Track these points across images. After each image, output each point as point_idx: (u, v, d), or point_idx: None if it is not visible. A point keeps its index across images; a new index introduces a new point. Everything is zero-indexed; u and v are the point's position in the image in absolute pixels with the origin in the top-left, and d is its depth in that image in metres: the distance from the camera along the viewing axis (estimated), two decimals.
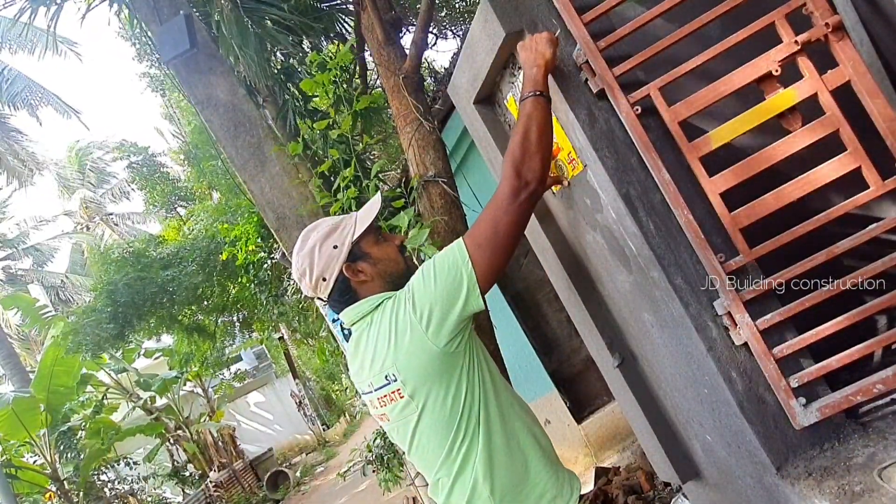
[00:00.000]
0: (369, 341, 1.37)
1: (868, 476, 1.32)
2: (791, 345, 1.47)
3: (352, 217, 1.43)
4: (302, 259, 1.40)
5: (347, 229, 1.40)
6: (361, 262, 1.39)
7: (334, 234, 1.39)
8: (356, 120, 4.91)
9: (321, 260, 1.38)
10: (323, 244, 1.38)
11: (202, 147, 10.16)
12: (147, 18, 3.69)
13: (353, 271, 1.39)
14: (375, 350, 1.35)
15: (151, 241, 10.01)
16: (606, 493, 3.80)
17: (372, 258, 1.40)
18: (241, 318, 10.41)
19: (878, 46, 1.44)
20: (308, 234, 1.43)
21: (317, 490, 12.10)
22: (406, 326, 1.28)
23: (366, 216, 1.42)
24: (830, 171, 1.42)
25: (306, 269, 1.40)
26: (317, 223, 1.45)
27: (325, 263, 1.38)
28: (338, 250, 1.37)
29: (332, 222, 1.42)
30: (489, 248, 1.27)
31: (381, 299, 1.38)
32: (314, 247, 1.38)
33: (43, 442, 10.22)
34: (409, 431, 1.38)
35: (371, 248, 1.41)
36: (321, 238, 1.39)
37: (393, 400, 1.35)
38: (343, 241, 1.38)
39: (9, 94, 12.89)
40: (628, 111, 1.52)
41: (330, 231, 1.39)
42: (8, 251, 18.55)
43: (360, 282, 1.40)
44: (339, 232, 1.39)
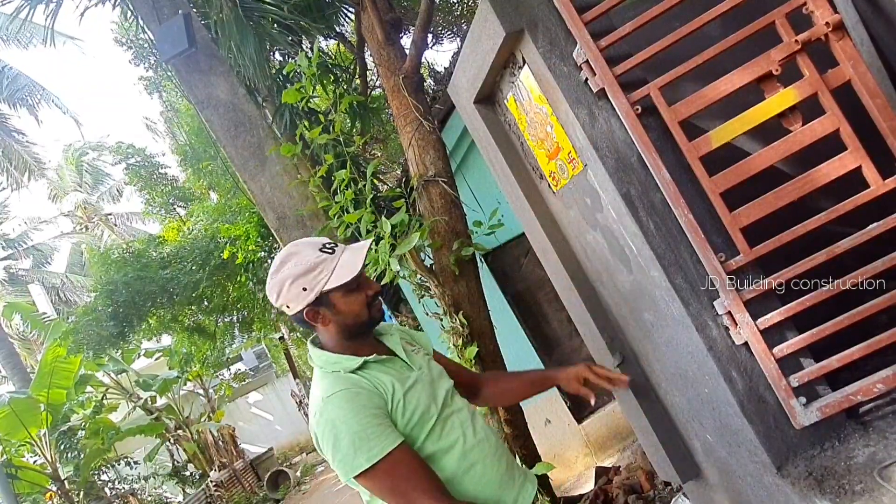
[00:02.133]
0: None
1: (868, 476, 1.32)
2: (791, 344, 1.47)
3: (333, 261, 1.42)
4: (272, 283, 1.44)
5: (322, 276, 1.40)
6: (325, 308, 1.43)
7: (308, 275, 1.40)
8: (354, 120, 4.92)
9: (288, 294, 1.41)
10: (294, 282, 1.40)
11: (201, 147, 10.16)
12: (147, 18, 3.70)
13: (313, 315, 1.44)
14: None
15: (151, 242, 10.01)
16: (607, 493, 3.80)
17: (336, 309, 1.44)
18: (240, 318, 10.42)
19: (879, 46, 1.45)
20: (286, 259, 1.43)
21: (317, 489, 12.11)
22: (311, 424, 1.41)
23: (345, 272, 1.41)
24: (830, 171, 1.42)
25: (274, 293, 1.44)
26: (298, 250, 1.44)
27: (291, 298, 1.42)
28: (306, 293, 1.40)
29: (311, 261, 1.41)
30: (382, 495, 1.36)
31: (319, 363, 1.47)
32: (285, 280, 1.41)
33: (43, 442, 10.22)
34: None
35: (338, 299, 1.43)
36: (294, 276, 1.40)
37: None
38: (313, 288, 1.40)
39: (9, 93, 12.88)
40: (628, 111, 1.52)
41: (305, 271, 1.40)
42: (9, 251, 18.55)
43: (321, 324, 1.46)
44: (313, 275, 1.40)
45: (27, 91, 13.34)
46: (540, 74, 1.67)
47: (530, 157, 1.96)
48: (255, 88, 4.53)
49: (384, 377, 1.43)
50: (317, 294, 1.40)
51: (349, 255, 1.44)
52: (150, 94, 10.92)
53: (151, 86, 10.66)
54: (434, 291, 2.97)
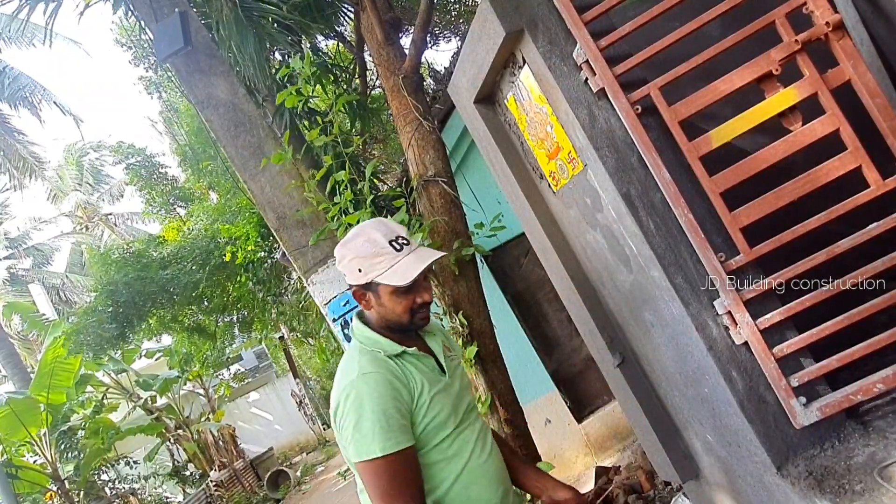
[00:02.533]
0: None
1: (868, 476, 1.32)
2: (791, 344, 1.47)
3: (396, 258, 1.43)
4: (340, 250, 1.51)
5: (380, 267, 1.43)
6: (372, 294, 1.48)
7: (368, 260, 1.44)
8: (353, 121, 4.92)
9: (347, 266, 1.48)
10: (353, 260, 1.46)
11: (201, 147, 10.16)
12: (146, 18, 3.70)
13: (360, 295, 1.50)
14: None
15: (151, 242, 10.01)
16: (607, 493, 3.80)
17: (382, 301, 1.48)
18: (241, 318, 10.41)
19: (879, 45, 1.45)
20: (359, 234, 1.48)
21: (317, 489, 12.10)
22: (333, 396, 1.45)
23: (398, 276, 1.42)
24: (830, 171, 1.42)
25: (337, 259, 1.52)
26: (372, 233, 1.47)
27: (348, 271, 1.48)
28: (360, 274, 1.45)
29: (376, 248, 1.44)
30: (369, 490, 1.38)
31: (358, 337, 1.52)
32: (347, 254, 1.47)
33: (43, 442, 10.23)
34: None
35: (385, 294, 1.46)
36: (357, 254, 1.45)
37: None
38: (367, 273, 1.44)
39: (10, 92, 12.88)
40: (628, 110, 1.52)
41: (367, 255, 1.44)
42: (10, 251, 18.55)
43: (363, 304, 1.51)
44: (371, 262, 1.44)
45: (28, 91, 13.34)
46: (540, 74, 1.67)
47: (530, 156, 1.96)
48: (255, 88, 4.52)
49: (417, 374, 1.46)
50: (368, 280, 1.44)
51: (411, 260, 1.44)
52: (150, 95, 10.92)
53: (151, 86, 10.66)
54: (434, 291, 2.97)
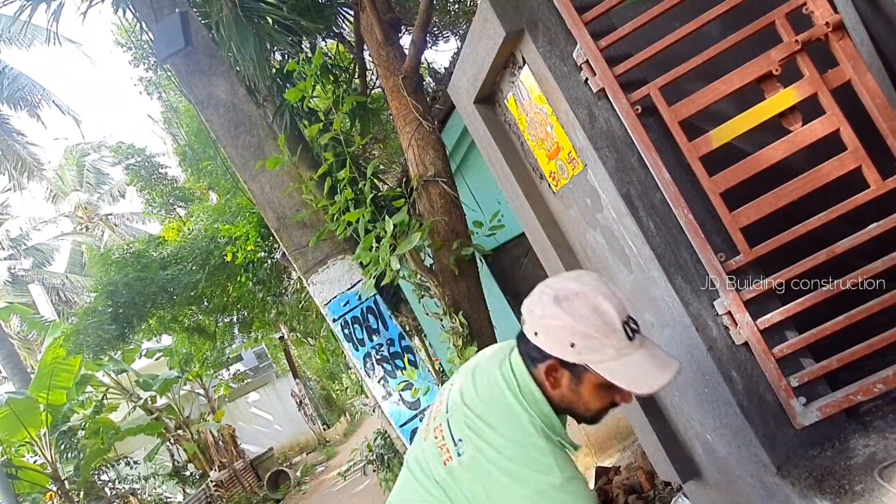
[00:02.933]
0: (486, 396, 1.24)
1: (868, 476, 1.32)
2: (791, 344, 1.47)
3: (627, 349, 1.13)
4: (550, 307, 1.15)
5: (603, 355, 1.13)
6: (571, 378, 1.18)
7: (591, 340, 1.12)
8: (353, 120, 4.92)
9: (554, 332, 1.15)
10: (569, 330, 1.13)
11: (200, 148, 10.17)
12: (146, 18, 3.70)
13: (552, 375, 1.19)
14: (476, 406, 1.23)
15: (151, 242, 10.01)
16: (607, 493, 3.80)
17: (579, 389, 1.19)
18: (241, 318, 10.42)
19: (879, 46, 1.44)
20: (584, 294, 1.14)
21: (317, 490, 12.11)
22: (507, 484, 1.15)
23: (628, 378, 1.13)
24: (830, 171, 1.42)
25: (538, 311, 1.18)
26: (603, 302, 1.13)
27: (553, 339, 1.15)
28: (572, 350, 1.13)
29: (607, 328, 1.12)
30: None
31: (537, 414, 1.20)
32: (563, 317, 1.13)
33: (43, 442, 10.23)
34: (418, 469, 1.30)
35: (590, 384, 1.18)
36: (576, 326, 1.13)
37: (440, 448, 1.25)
38: (582, 352, 1.13)
39: (10, 93, 12.88)
40: (628, 111, 1.52)
41: (592, 333, 1.12)
42: (9, 251, 18.56)
43: (549, 380, 1.20)
44: (595, 343, 1.12)
45: (28, 91, 13.34)
46: (540, 74, 1.67)
47: (530, 157, 1.96)
48: (255, 88, 4.53)
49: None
50: (576, 362, 1.15)
51: (647, 362, 1.14)
52: (150, 95, 10.93)
53: (151, 86, 10.67)
54: (434, 291, 2.97)
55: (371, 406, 9.01)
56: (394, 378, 3.52)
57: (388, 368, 3.52)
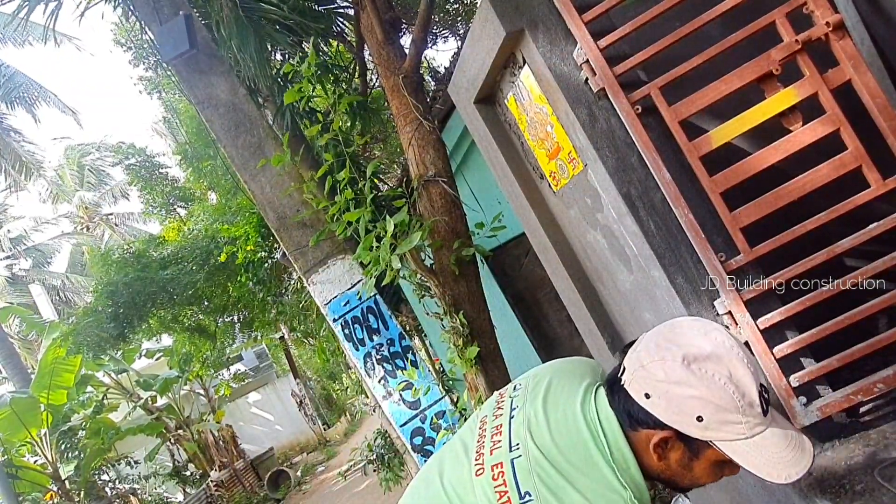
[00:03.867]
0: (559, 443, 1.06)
1: (868, 475, 1.32)
2: (791, 344, 1.47)
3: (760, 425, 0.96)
4: (680, 371, 0.96)
5: (735, 431, 0.96)
6: (686, 452, 1.02)
7: (723, 414, 0.95)
8: (354, 120, 4.92)
9: (677, 401, 0.97)
10: (700, 402, 0.95)
11: (201, 148, 10.17)
12: (147, 19, 3.70)
13: (663, 448, 1.02)
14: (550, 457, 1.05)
15: (151, 242, 10.01)
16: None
17: (692, 465, 1.03)
18: (241, 318, 10.42)
19: (879, 45, 1.44)
20: (718, 360, 0.96)
21: (317, 489, 12.11)
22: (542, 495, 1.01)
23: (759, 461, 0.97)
24: (831, 171, 1.42)
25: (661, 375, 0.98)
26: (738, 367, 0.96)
27: (671, 407, 0.98)
28: (698, 424, 0.96)
29: (742, 402, 0.95)
30: None
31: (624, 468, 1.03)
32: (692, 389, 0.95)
33: (44, 442, 10.24)
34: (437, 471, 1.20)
35: (706, 462, 1.02)
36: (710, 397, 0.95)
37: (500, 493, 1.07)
38: (709, 427, 0.96)
39: (5, 91, 12.88)
40: (629, 110, 1.52)
41: (725, 406, 0.95)
42: (9, 252, 18.57)
43: (651, 450, 1.02)
44: (726, 417, 0.95)
45: (24, 89, 13.33)
46: (540, 74, 1.67)
47: (530, 156, 1.96)
48: (255, 88, 4.53)
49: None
50: (701, 437, 0.98)
51: (781, 443, 0.98)
52: (150, 95, 10.93)
53: (151, 86, 10.67)
54: (434, 291, 2.98)
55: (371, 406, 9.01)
56: (394, 378, 3.53)
57: (388, 368, 3.53)
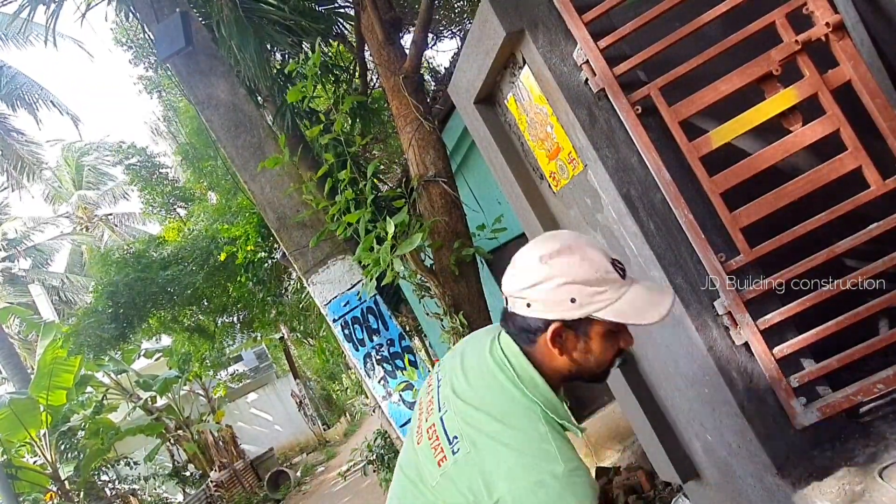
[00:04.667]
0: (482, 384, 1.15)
1: (868, 475, 1.32)
2: (792, 344, 1.47)
3: (622, 288, 1.08)
4: (537, 269, 1.08)
5: (603, 299, 1.06)
6: (575, 335, 1.11)
7: (589, 287, 1.06)
8: (354, 120, 4.93)
9: (550, 293, 1.07)
10: (567, 285, 1.06)
11: (200, 148, 10.17)
12: (146, 18, 3.70)
13: (557, 341, 1.10)
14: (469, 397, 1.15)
15: (151, 242, 10.01)
16: (607, 493, 3.80)
17: (588, 345, 1.12)
18: (241, 318, 10.43)
19: (879, 46, 1.44)
20: (570, 250, 1.08)
21: (317, 490, 12.11)
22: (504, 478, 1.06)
23: (633, 313, 1.07)
24: (831, 171, 1.42)
25: (528, 280, 1.09)
26: (587, 250, 1.08)
27: (551, 300, 1.08)
28: (573, 305, 1.06)
29: (599, 274, 1.07)
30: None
31: (538, 399, 1.11)
32: (557, 276, 1.07)
33: (43, 442, 10.24)
34: (412, 475, 1.23)
35: (596, 336, 1.11)
36: (573, 278, 1.06)
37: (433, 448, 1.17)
38: (584, 305, 1.06)
39: (7, 92, 12.89)
40: (628, 111, 1.52)
41: (588, 281, 1.06)
42: (9, 252, 18.57)
43: (549, 346, 1.11)
44: (593, 291, 1.06)
45: (26, 90, 13.34)
46: (540, 74, 1.67)
47: (530, 157, 1.96)
48: (255, 89, 4.53)
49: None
50: (583, 315, 1.07)
51: (644, 294, 1.09)
52: (150, 94, 10.94)
53: (151, 86, 10.67)
54: (434, 292, 2.97)
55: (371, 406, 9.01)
56: (394, 378, 3.53)
57: (388, 368, 3.52)
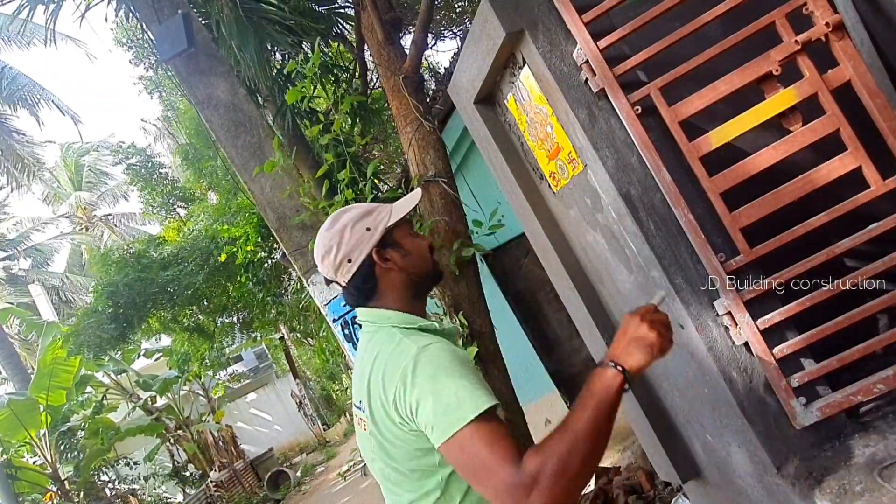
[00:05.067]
0: (366, 355, 1.30)
1: (868, 476, 1.32)
2: (791, 344, 1.47)
3: (387, 206, 1.35)
4: (330, 237, 1.32)
5: (382, 215, 1.33)
6: (391, 249, 1.32)
7: (368, 217, 1.32)
8: (354, 120, 4.93)
9: (351, 239, 1.30)
10: (356, 225, 1.31)
11: (200, 149, 10.17)
12: (147, 19, 3.70)
13: (381, 257, 1.31)
14: (364, 369, 1.29)
15: (151, 242, 10.01)
16: (607, 493, 3.80)
17: (403, 249, 1.33)
18: (241, 318, 10.43)
19: (879, 46, 1.44)
20: (339, 214, 1.35)
21: (317, 490, 12.11)
22: (387, 386, 1.19)
23: (403, 206, 1.35)
24: (831, 171, 1.42)
25: (332, 248, 1.31)
26: (349, 206, 1.37)
27: (355, 244, 1.30)
28: (370, 233, 1.30)
29: (367, 207, 1.35)
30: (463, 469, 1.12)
31: (394, 323, 1.29)
32: (345, 226, 1.31)
33: (43, 442, 10.24)
34: (371, 462, 1.33)
35: (403, 238, 1.35)
36: (354, 219, 1.32)
37: (360, 425, 1.31)
38: (377, 226, 1.31)
39: (8, 92, 12.89)
40: (628, 111, 1.52)
41: (364, 214, 1.33)
42: (9, 252, 18.56)
43: (385, 270, 1.32)
44: (373, 216, 1.32)
45: (27, 91, 13.35)
46: (540, 74, 1.67)
47: (530, 157, 1.96)
48: (255, 89, 4.53)
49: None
50: (381, 233, 1.30)
51: (402, 200, 1.37)
52: (150, 95, 10.94)
53: (151, 86, 10.67)
54: (434, 291, 2.98)
55: None
56: None
57: None
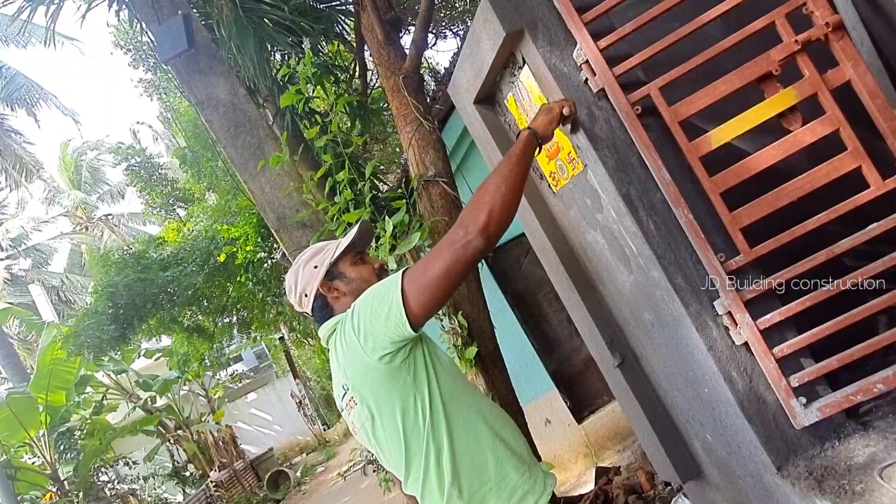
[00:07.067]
0: (336, 355, 1.48)
1: (868, 476, 1.32)
2: (791, 344, 1.47)
3: (335, 242, 1.58)
4: (290, 276, 1.58)
5: (328, 252, 1.55)
6: (337, 280, 1.53)
7: (317, 256, 1.55)
8: (353, 120, 4.92)
9: (303, 277, 1.54)
10: (306, 265, 1.54)
11: (200, 149, 10.16)
12: (147, 19, 3.69)
13: (327, 288, 1.53)
14: (337, 362, 1.48)
15: (151, 243, 10.00)
16: (607, 493, 3.80)
17: (346, 277, 1.54)
18: (240, 318, 10.41)
19: (879, 46, 1.45)
20: (300, 255, 1.59)
21: (317, 490, 12.11)
22: (352, 340, 1.38)
23: (343, 242, 1.56)
24: (830, 171, 1.42)
25: (292, 286, 1.57)
26: (309, 247, 1.61)
27: (307, 281, 1.53)
28: (317, 270, 1.52)
29: (318, 246, 1.58)
30: (419, 285, 1.32)
31: (341, 317, 1.48)
32: (300, 266, 1.55)
33: (42, 442, 10.23)
34: (370, 438, 1.46)
35: (347, 268, 1.54)
36: (305, 259, 1.56)
37: (350, 406, 1.46)
38: (322, 262, 1.53)
39: (7, 93, 12.88)
40: (628, 111, 1.52)
41: (314, 253, 1.56)
42: (9, 252, 18.55)
43: (334, 298, 1.53)
44: (321, 254, 1.55)
45: (25, 91, 13.34)
46: (540, 74, 1.67)
47: None
48: (255, 89, 4.53)
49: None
50: (326, 268, 1.52)
51: (345, 237, 1.58)
52: (150, 96, 10.91)
53: (151, 87, 10.64)
54: None
55: None
56: None
57: None
